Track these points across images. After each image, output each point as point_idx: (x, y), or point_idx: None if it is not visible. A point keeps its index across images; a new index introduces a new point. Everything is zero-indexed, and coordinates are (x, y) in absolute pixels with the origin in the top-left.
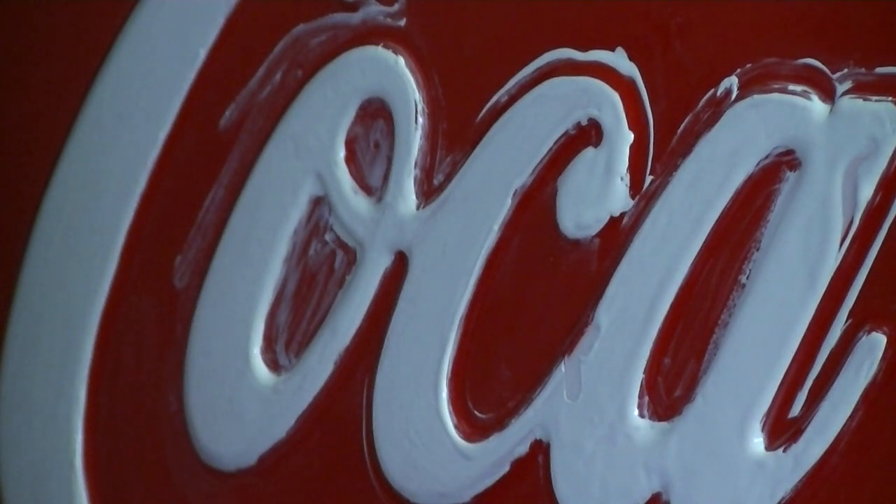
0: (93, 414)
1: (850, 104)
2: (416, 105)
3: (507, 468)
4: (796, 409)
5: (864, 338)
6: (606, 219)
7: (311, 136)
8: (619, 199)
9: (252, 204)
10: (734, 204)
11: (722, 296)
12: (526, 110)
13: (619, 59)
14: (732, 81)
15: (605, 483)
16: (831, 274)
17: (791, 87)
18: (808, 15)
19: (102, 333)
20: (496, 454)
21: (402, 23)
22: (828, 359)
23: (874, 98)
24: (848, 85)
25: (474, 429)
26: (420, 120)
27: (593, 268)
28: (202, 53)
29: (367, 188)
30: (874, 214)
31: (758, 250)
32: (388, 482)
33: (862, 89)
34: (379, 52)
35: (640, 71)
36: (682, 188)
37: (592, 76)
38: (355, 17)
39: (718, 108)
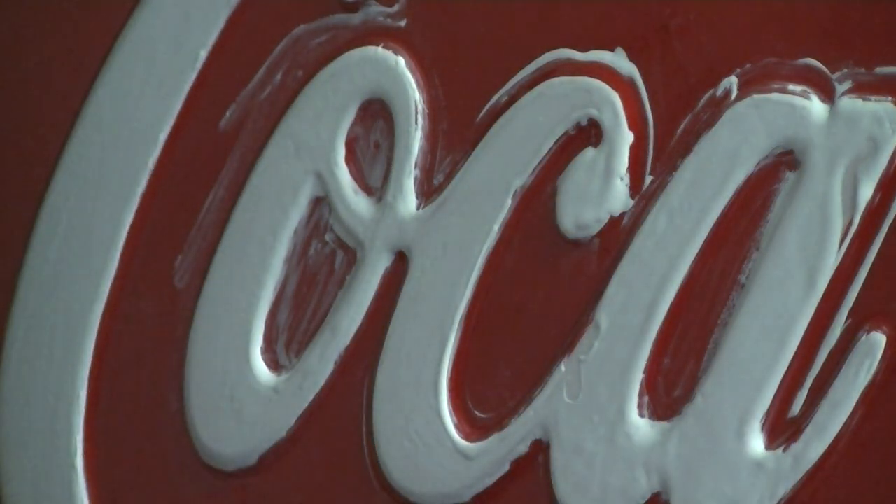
0: (93, 414)
1: (850, 104)
2: (416, 105)
3: (507, 468)
4: (796, 409)
5: (863, 338)
6: (606, 219)
7: (311, 136)
8: (619, 199)
9: (252, 204)
10: (734, 204)
11: (722, 296)
12: (526, 110)
13: (619, 59)
14: (732, 81)
15: (604, 483)
16: (831, 274)
17: (791, 87)
18: (808, 15)
19: (102, 333)
20: (496, 454)
21: (403, 23)
22: (827, 359)
23: (874, 98)
24: (848, 85)
25: (474, 429)
26: (420, 120)
27: (593, 268)
28: (202, 54)
29: (367, 188)
30: (874, 214)
31: (757, 250)
32: (388, 481)
33: (862, 89)
34: (379, 52)
35: (640, 71)
36: (681, 188)
37: (592, 76)
38: (355, 18)
39: (718, 108)
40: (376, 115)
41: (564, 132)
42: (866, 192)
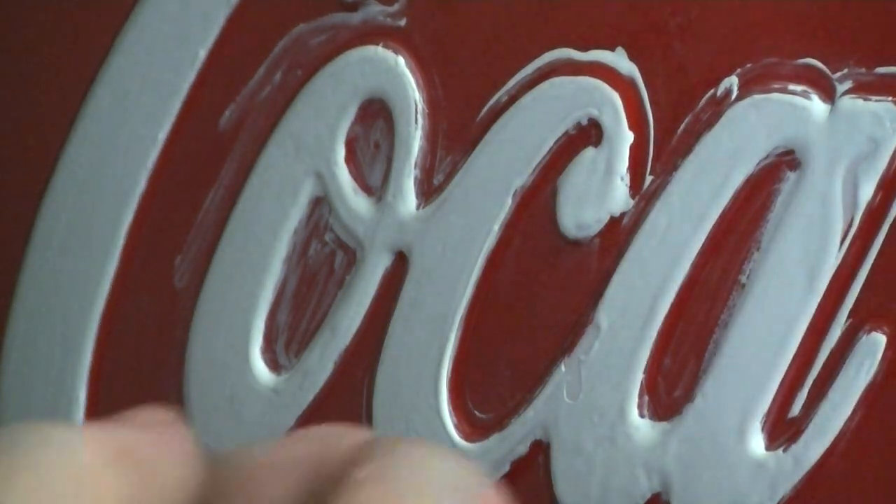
0: (92, 414)
1: (850, 104)
2: (416, 105)
3: (507, 468)
4: (796, 409)
5: (864, 338)
6: (606, 219)
7: (311, 136)
8: (620, 199)
9: (252, 204)
10: (734, 204)
11: (722, 296)
12: (526, 110)
13: (619, 59)
14: (732, 81)
15: (605, 483)
16: (831, 274)
17: (791, 87)
18: (808, 15)
19: (102, 333)
20: (496, 454)
21: (403, 23)
22: (828, 359)
23: (874, 98)
24: (848, 85)
25: (474, 429)
26: (420, 120)
27: (593, 268)
28: (202, 53)
29: (367, 188)
30: (874, 214)
31: (758, 250)
32: None
33: (862, 89)
34: (379, 52)
35: (640, 71)
36: (682, 188)
37: (592, 76)
38: (355, 17)
39: (718, 108)
40: (376, 115)
41: (564, 132)
42: (867, 191)
